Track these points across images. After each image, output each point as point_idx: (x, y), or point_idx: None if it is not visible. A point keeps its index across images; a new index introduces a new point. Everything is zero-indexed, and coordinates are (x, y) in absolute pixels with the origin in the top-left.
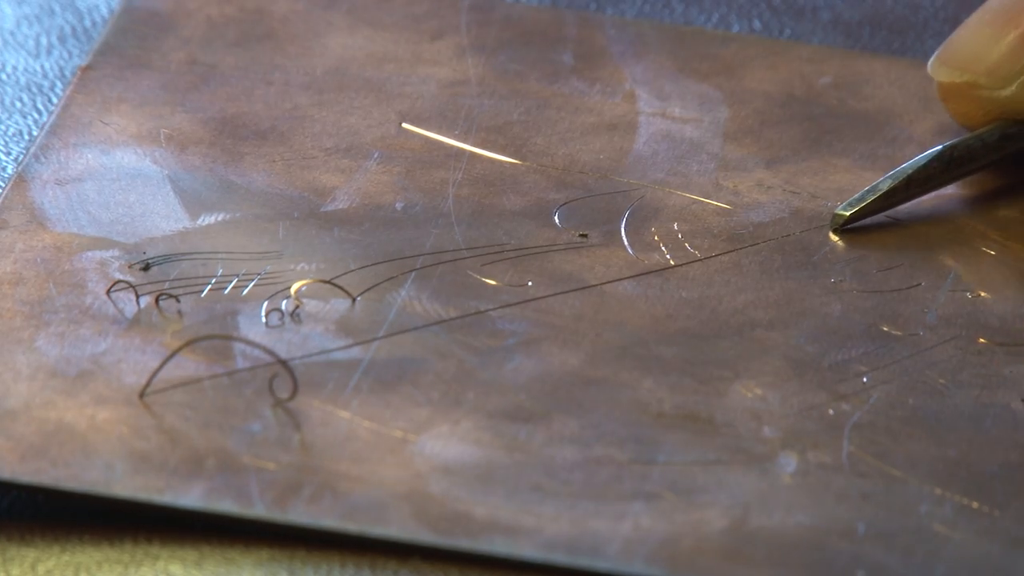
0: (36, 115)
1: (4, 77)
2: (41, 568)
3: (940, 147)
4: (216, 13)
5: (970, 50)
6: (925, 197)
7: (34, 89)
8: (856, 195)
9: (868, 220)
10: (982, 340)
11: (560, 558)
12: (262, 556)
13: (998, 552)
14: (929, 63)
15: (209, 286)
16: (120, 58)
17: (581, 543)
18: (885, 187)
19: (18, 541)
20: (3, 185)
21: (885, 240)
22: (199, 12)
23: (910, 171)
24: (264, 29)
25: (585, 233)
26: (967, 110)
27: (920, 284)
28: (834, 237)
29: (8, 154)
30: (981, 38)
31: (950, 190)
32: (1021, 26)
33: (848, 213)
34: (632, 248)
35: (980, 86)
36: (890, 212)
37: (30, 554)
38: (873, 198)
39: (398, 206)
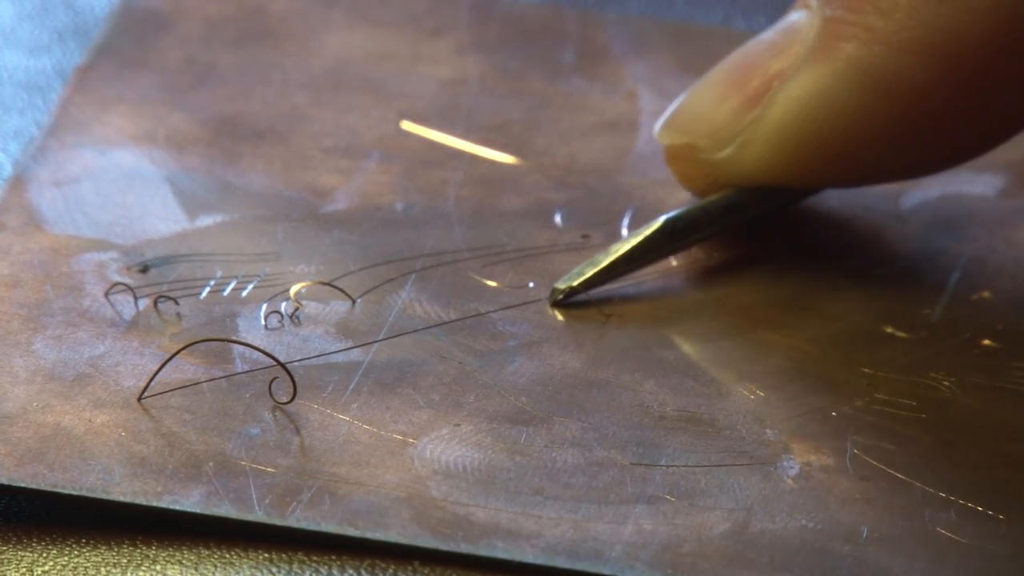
0: (34, 114)
1: (2, 75)
2: (38, 571)
3: (663, 219)
4: (214, 12)
5: (694, 112)
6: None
7: (32, 88)
8: (576, 269)
9: (870, 221)
10: (987, 342)
11: (561, 562)
12: (261, 559)
13: (1003, 556)
14: (656, 126)
15: (208, 288)
16: (118, 58)
17: (583, 547)
18: (604, 262)
19: (15, 543)
20: (1, 186)
21: (888, 240)
22: (197, 11)
23: (632, 244)
24: (262, 28)
25: (587, 234)
26: (690, 173)
27: (924, 285)
28: (554, 311)
29: (5, 151)
30: (705, 101)
31: (954, 188)
32: (745, 91)
33: (565, 287)
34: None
35: (700, 148)
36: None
37: (27, 557)
38: (592, 272)
39: (398, 207)
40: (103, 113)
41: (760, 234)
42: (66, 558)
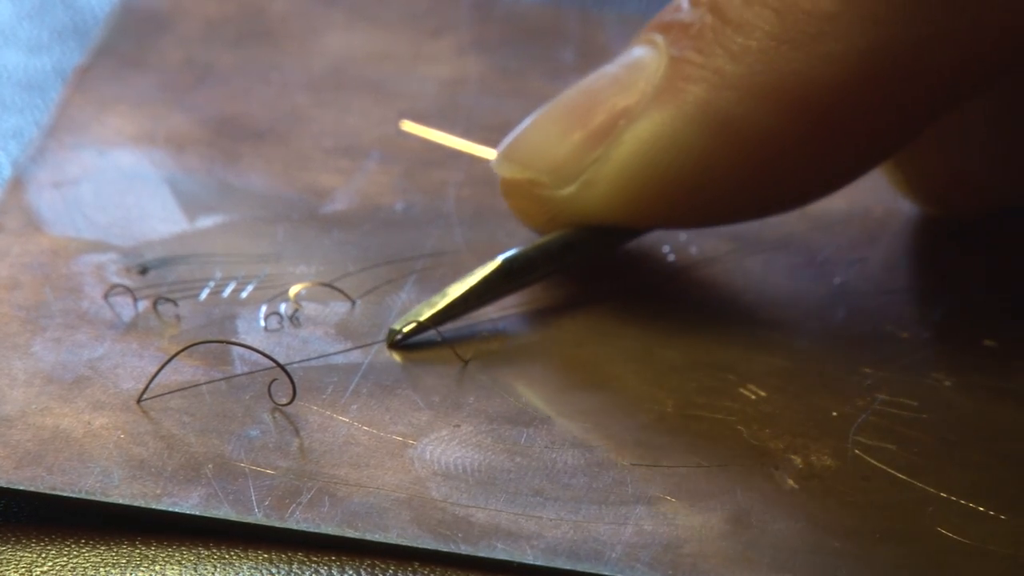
0: (33, 113)
1: (2, 75)
2: (37, 571)
3: (501, 259)
4: (214, 12)
5: (535, 146)
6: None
7: (31, 87)
8: (413, 309)
9: (870, 221)
10: (988, 342)
11: (562, 563)
12: (260, 559)
13: (1004, 557)
14: (493, 156)
15: (207, 289)
16: (117, 58)
17: (583, 548)
18: (441, 303)
19: (14, 544)
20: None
21: (889, 240)
22: (197, 11)
23: (469, 285)
24: (262, 28)
25: None
26: (528, 208)
27: (925, 284)
28: (392, 353)
29: (5, 151)
30: (547, 135)
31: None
32: (588, 126)
33: (402, 328)
34: (634, 249)
35: (542, 185)
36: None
37: (26, 557)
38: (430, 313)
39: (398, 207)
40: (102, 113)
41: (764, 234)
42: (65, 558)
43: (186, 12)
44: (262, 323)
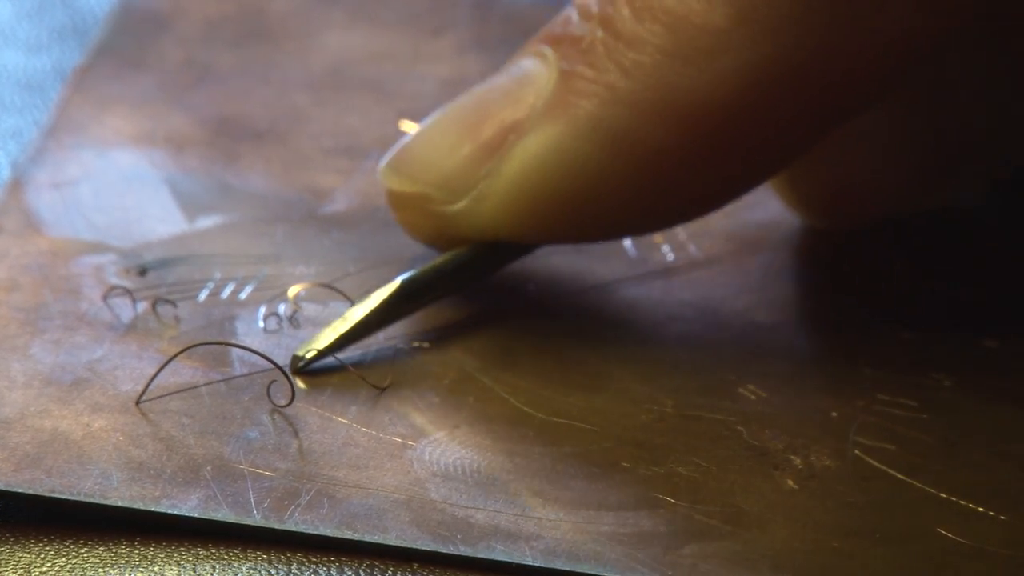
0: (32, 113)
1: (1, 74)
2: (36, 572)
3: (398, 281)
4: (214, 12)
5: (424, 159)
6: None
7: (31, 87)
8: (316, 334)
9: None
10: (988, 342)
11: (561, 564)
12: (259, 560)
13: (1005, 557)
14: (379, 166)
15: (206, 290)
16: (117, 58)
17: (582, 549)
18: (343, 328)
19: (12, 544)
20: None
21: (890, 240)
22: (197, 11)
23: (370, 308)
24: (261, 28)
25: None
26: (417, 222)
27: (925, 284)
28: (297, 381)
29: (4, 150)
30: (436, 148)
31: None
32: (478, 139)
33: (305, 354)
34: (634, 249)
35: (431, 199)
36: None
37: (25, 558)
38: (333, 338)
39: None
40: (102, 114)
41: (764, 234)
42: (64, 559)
43: (186, 12)
44: (261, 324)
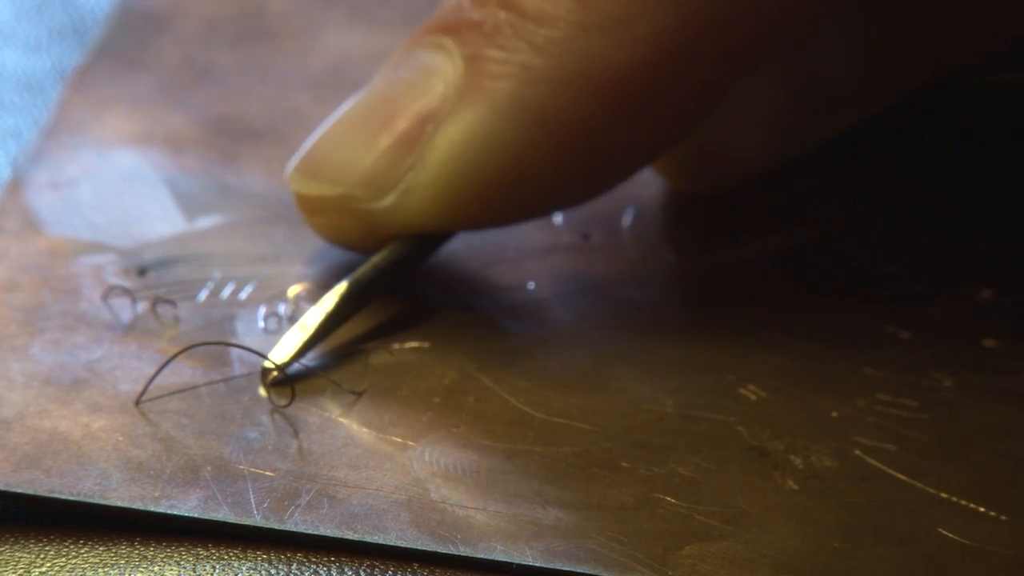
0: (32, 113)
1: (0, 74)
2: (35, 572)
3: (346, 282)
4: (213, 12)
5: (339, 159)
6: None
7: (30, 86)
8: (276, 347)
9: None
10: (989, 342)
11: (561, 565)
12: (259, 560)
13: (1005, 557)
14: (287, 173)
15: (206, 290)
16: (116, 58)
17: (582, 550)
18: (306, 335)
19: (12, 544)
20: None
21: (889, 239)
22: (196, 11)
23: (326, 312)
24: (262, 28)
25: (587, 233)
26: (342, 224)
27: (925, 284)
28: (263, 392)
29: (4, 150)
30: (350, 146)
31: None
32: (394, 131)
33: (274, 368)
34: (635, 249)
35: (356, 199)
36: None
37: (24, 558)
38: (299, 346)
39: None
40: (101, 114)
41: (765, 234)
42: (63, 559)
43: (185, 12)
44: (261, 324)
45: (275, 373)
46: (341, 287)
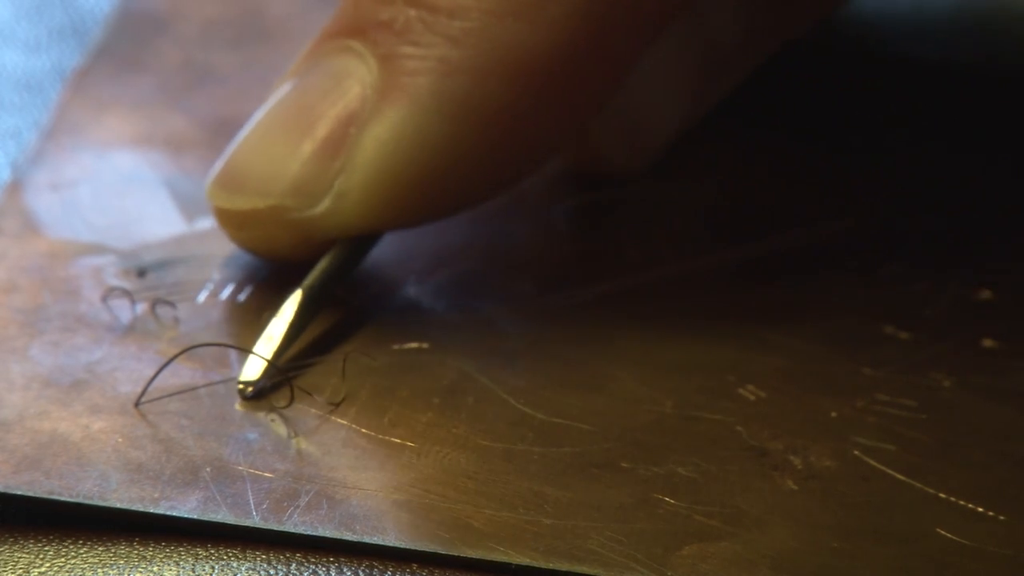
0: (31, 113)
1: (0, 74)
2: (35, 572)
3: (298, 292)
4: (213, 13)
5: (263, 171)
6: None
7: (29, 87)
8: (246, 363)
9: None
10: (988, 342)
11: (560, 565)
12: (258, 560)
13: (1005, 558)
14: (207, 188)
15: (206, 292)
16: (116, 60)
17: (582, 549)
18: (274, 346)
19: (11, 544)
20: None
21: (888, 239)
22: (196, 12)
23: (287, 322)
24: (261, 29)
25: (587, 233)
26: (275, 235)
27: (925, 284)
28: (240, 408)
29: (3, 150)
30: (273, 156)
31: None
32: (316, 137)
33: (247, 383)
34: (634, 249)
35: (288, 208)
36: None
37: (24, 558)
38: (269, 357)
39: None
40: (101, 115)
41: (763, 234)
42: (63, 559)
43: (185, 13)
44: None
45: (249, 389)
46: (296, 296)
